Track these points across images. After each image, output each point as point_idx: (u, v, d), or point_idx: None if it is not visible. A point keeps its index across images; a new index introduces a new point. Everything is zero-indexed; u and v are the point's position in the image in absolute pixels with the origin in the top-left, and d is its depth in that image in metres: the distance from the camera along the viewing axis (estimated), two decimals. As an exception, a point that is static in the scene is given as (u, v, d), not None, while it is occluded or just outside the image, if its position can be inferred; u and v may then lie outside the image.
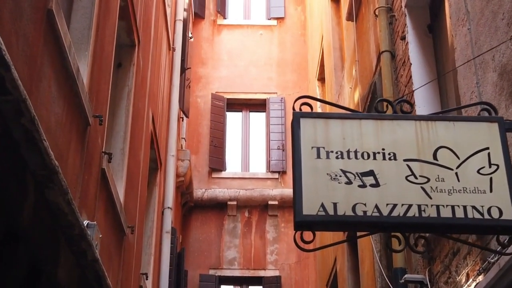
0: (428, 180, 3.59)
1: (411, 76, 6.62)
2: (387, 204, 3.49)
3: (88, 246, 4.80)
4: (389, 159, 3.62)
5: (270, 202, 14.90)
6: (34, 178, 3.88)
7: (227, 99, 16.00)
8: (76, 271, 4.93)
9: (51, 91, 4.36)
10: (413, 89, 6.50)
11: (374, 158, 3.61)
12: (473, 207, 3.53)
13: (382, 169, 3.59)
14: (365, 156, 3.60)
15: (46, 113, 4.24)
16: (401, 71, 7.03)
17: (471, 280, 4.88)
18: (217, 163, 15.30)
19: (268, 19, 17.08)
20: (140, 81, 8.26)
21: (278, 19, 16.99)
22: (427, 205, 3.52)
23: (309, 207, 3.39)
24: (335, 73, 11.63)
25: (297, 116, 3.65)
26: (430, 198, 3.53)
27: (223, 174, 15.31)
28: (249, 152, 15.83)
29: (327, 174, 3.53)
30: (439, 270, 5.76)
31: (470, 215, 3.51)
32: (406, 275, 6.13)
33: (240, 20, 17.21)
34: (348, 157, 3.59)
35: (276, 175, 15.25)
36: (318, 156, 3.57)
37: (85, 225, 4.97)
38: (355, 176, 3.54)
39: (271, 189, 15.01)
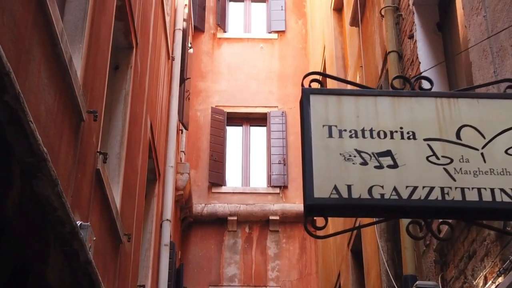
0: (451, 161, 3.29)
1: (420, 76, 6.34)
2: (406, 187, 3.19)
3: (80, 246, 4.48)
4: (408, 138, 3.32)
5: (271, 217, 14.56)
6: (21, 166, 3.58)
7: (227, 112, 15.72)
8: (68, 273, 4.61)
9: (41, 77, 4.08)
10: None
11: (392, 138, 3.31)
12: (502, 190, 3.22)
13: (400, 149, 3.28)
14: (382, 135, 3.31)
15: (35, 100, 3.95)
16: (409, 71, 6.76)
17: (490, 282, 4.56)
18: (217, 177, 14.98)
19: (269, 33, 16.85)
20: (138, 86, 7.99)
21: (279, 32, 16.76)
22: (450, 188, 3.21)
23: (321, 190, 3.09)
24: (337, 83, 11.36)
25: (307, 93, 3.36)
26: (454, 180, 3.22)
27: (223, 189, 14.97)
28: (249, 167, 15.51)
29: (340, 154, 3.23)
30: (453, 276, 5.43)
31: (498, 199, 3.20)
32: (417, 282, 5.80)
33: (240, 34, 16.97)
34: (363, 136, 3.29)
35: (277, 190, 14.92)
36: (330, 135, 3.27)
37: (78, 225, 4.66)
38: (371, 157, 3.24)
39: (272, 204, 14.68)
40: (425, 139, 3.34)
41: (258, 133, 15.93)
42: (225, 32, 16.82)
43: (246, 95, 15.94)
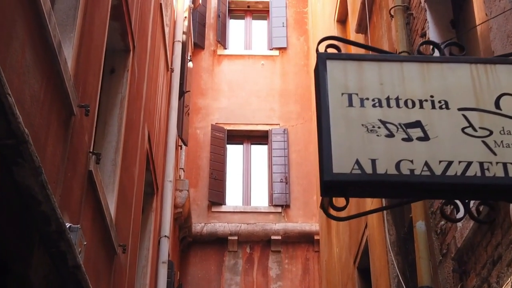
0: (491, 133, 2.89)
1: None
2: (440, 162, 2.78)
3: (68, 248, 4.06)
4: (440, 108, 2.92)
5: (273, 237, 14.09)
6: (-2, 150, 3.19)
7: (228, 130, 15.33)
8: (54, 277, 4.19)
9: (25, 57, 3.70)
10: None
11: (421, 107, 2.91)
12: (550, 165, 2.81)
13: (431, 119, 2.88)
14: (410, 104, 2.91)
15: (18, 81, 3.57)
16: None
17: (519, 288, 4.14)
18: (217, 196, 14.54)
19: (270, 49, 16.52)
20: (135, 91, 7.61)
21: (280, 49, 16.43)
22: (491, 163, 2.80)
23: (341, 165, 2.68)
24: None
25: (323, 58, 2.96)
26: (495, 154, 2.82)
27: (223, 208, 14.53)
28: (250, 185, 15.08)
29: (362, 125, 2.83)
30: (475, 285, 5.00)
31: (546, 174, 2.79)
32: (434, 293, 5.37)
33: (241, 50, 16.63)
34: (388, 105, 2.89)
35: (279, 209, 14.48)
36: (350, 104, 2.87)
37: (67, 227, 4.25)
38: (397, 128, 2.84)
39: (274, 223, 14.23)
40: (459, 109, 2.95)
41: (259, 151, 15.53)
42: (226, 49, 16.48)
43: (247, 113, 15.57)
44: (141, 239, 8.85)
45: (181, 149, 13.30)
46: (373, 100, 2.90)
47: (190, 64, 13.49)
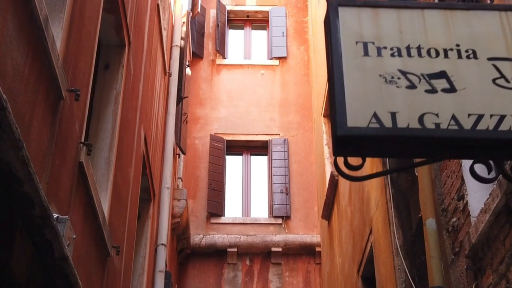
0: (525, 84, 2.59)
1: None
2: (469, 115, 2.46)
3: (54, 237, 3.74)
4: (467, 57, 2.61)
5: (273, 249, 13.73)
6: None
7: (227, 140, 15.01)
8: (38, 269, 3.86)
9: (7, 26, 3.41)
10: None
11: (446, 56, 2.60)
12: None
13: (458, 69, 2.57)
14: (433, 53, 2.60)
15: (-2, 50, 3.27)
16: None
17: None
18: (216, 207, 14.19)
19: (270, 59, 16.25)
20: (131, 89, 7.31)
21: (280, 58, 16.16)
22: (527, 117, 2.50)
23: (356, 118, 2.37)
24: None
25: (334, 4, 2.65)
26: (530, 107, 2.51)
27: (222, 219, 14.17)
28: (250, 196, 14.74)
29: (380, 76, 2.52)
30: (491, 282, 4.67)
31: None
32: (447, 293, 5.04)
33: (240, 60, 16.36)
34: (409, 55, 2.58)
35: (280, 220, 14.13)
36: (366, 53, 2.56)
37: (55, 217, 3.93)
38: (420, 79, 2.53)
39: (274, 235, 13.87)
40: (489, 59, 2.65)
41: (258, 162, 15.22)
42: (225, 58, 16.21)
43: (247, 123, 15.26)
44: (137, 246, 8.51)
45: (179, 157, 12.98)
46: (391, 49, 2.59)
47: (188, 71, 13.21)
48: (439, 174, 5.77)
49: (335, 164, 2.46)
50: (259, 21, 17.05)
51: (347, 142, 2.41)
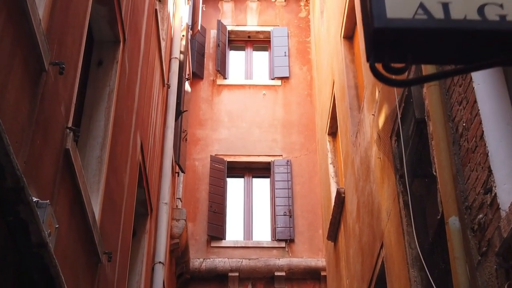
0: None
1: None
2: (542, 5, 1.96)
3: (30, 217, 3.23)
4: None
5: (276, 274, 13.12)
6: None
7: (228, 162, 14.50)
8: (12, 255, 3.34)
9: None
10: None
11: None
12: None
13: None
14: None
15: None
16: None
17: None
18: (216, 230, 13.63)
19: (272, 79, 15.82)
20: (125, 87, 6.84)
21: (283, 79, 15.73)
22: None
23: (398, 8, 1.85)
24: (351, 113, 10.24)
25: None
26: None
27: (223, 242, 13.59)
28: (252, 219, 14.18)
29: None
30: (527, 280, 4.15)
31: None
32: (476, 296, 4.49)
33: (242, 80, 15.92)
34: None
35: (283, 244, 13.56)
36: None
37: (34, 202, 3.42)
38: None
39: (277, 258, 13.28)
40: None
41: (261, 183, 14.69)
42: (225, 78, 15.79)
43: (248, 144, 14.77)
44: (133, 261, 7.96)
45: (178, 176, 12.46)
46: None
47: (188, 87, 12.77)
48: (461, 170, 5.27)
49: (372, 67, 1.94)
50: (260, 42, 16.66)
51: (386, 40, 1.89)
